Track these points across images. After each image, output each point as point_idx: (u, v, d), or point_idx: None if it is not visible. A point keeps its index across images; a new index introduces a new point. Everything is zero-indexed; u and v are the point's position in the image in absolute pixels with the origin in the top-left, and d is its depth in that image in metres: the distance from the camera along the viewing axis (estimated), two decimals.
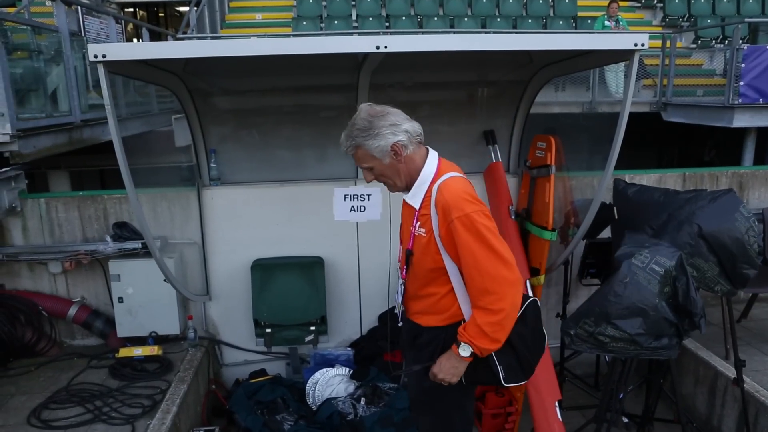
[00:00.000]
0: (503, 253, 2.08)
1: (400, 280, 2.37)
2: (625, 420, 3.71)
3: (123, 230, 4.09)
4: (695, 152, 10.80)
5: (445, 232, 2.14)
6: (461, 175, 2.24)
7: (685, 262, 2.82)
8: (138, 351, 3.97)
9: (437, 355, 2.25)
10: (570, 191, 4.12)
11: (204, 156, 4.13)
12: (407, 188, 2.27)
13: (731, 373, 3.65)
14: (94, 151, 6.94)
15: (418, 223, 2.23)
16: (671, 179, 4.59)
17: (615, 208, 3.70)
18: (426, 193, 2.20)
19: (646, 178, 4.53)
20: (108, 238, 4.06)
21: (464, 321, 2.20)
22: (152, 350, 3.98)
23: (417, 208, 2.23)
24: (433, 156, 2.27)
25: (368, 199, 4.26)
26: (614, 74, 9.25)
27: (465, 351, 2.13)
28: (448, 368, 2.19)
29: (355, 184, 4.23)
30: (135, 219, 4.12)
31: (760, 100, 7.57)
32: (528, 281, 3.69)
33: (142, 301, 4.06)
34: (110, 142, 2.87)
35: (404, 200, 2.34)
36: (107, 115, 2.64)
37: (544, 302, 4.34)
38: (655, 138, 10.24)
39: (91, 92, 7.03)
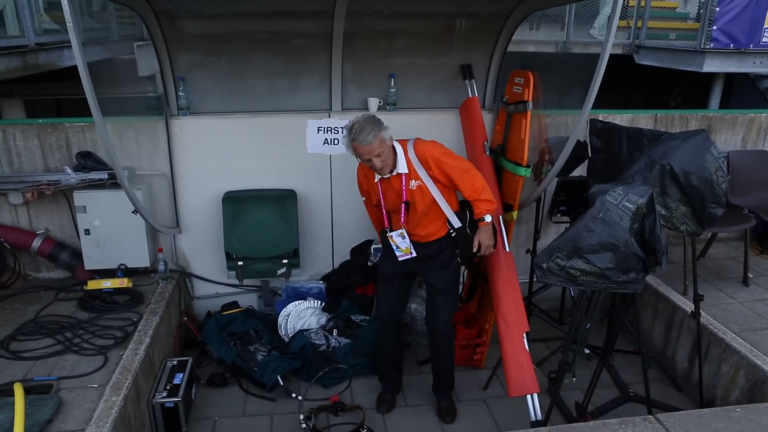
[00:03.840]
0: (470, 164, 3.24)
1: (399, 231, 3.25)
2: (587, 351, 3.89)
3: (87, 160, 3.93)
4: (662, 98, 10.92)
5: (437, 171, 3.08)
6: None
7: (655, 199, 2.88)
8: (107, 283, 3.91)
9: (451, 252, 3.30)
10: (545, 128, 4.11)
11: (172, 84, 3.95)
12: (391, 168, 3.08)
13: (688, 307, 3.83)
14: (49, 79, 6.58)
15: (412, 180, 3.10)
16: (643, 120, 4.63)
17: (590, 146, 3.73)
18: (405, 160, 3.08)
19: (619, 118, 4.56)
20: (68, 169, 3.89)
21: (451, 228, 3.24)
22: (122, 283, 3.93)
23: (407, 171, 3.09)
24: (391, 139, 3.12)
25: (342, 132, 4.17)
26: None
27: (488, 218, 3.16)
28: (487, 236, 3.19)
29: (329, 116, 4.14)
30: (101, 148, 3.97)
31: (731, 45, 7.62)
32: (501, 217, 3.72)
33: (109, 234, 3.97)
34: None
35: (384, 178, 3.14)
36: (69, 34, 2.46)
37: (514, 238, 4.42)
38: (623, 82, 10.28)
39: (44, 16, 6.61)
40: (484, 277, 3.88)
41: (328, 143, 4.20)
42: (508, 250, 3.65)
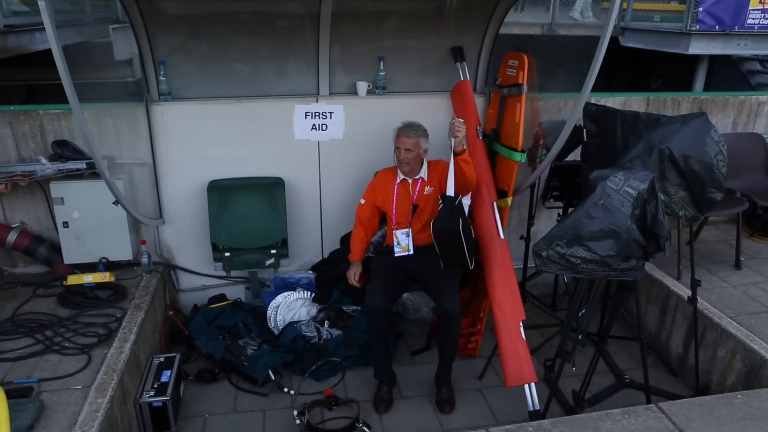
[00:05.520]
0: None
1: (405, 230, 3.58)
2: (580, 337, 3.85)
3: (64, 149, 3.74)
4: (643, 80, 10.91)
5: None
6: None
7: (656, 185, 2.82)
8: (88, 278, 3.76)
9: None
10: (538, 112, 4.03)
11: (152, 68, 3.77)
12: (414, 173, 3.54)
13: (683, 292, 3.82)
14: (19, 64, 6.30)
15: (427, 186, 3.54)
16: (635, 103, 4.57)
17: (585, 130, 3.66)
18: (427, 169, 3.56)
19: (611, 101, 4.50)
20: (43, 159, 3.70)
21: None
22: (104, 277, 3.78)
23: (425, 178, 3.54)
24: None
25: (330, 117, 4.06)
26: None
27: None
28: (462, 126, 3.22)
29: (317, 101, 4.00)
30: (78, 136, 3.78)
31: (716, 27, 7.60)
32: (495, 203, 3.64)
33: (89, 226, 3.80)
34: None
35: (402, 181, 3.57)
36: (42, 15, 2.29)
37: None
38: (604, 65, 10.24)
39: None
40: (478, 265, 3.80)
41: (316, 129, 4.06)
42: (502, 237, 3.58)
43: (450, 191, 3.33)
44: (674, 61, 8.94)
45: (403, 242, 3.54)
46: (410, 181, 3.56)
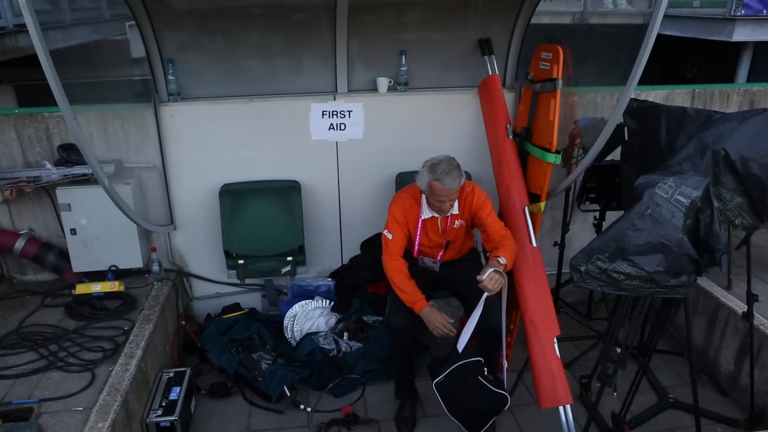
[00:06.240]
0: None
1: (433, 260, 3.28)
2: (618, 350, 3.55)
3: (70, 153, 3.57)
4: (677, 69, 10.37)
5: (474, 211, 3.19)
6: None
7: (711, 191, 2.50)
8: (97, 287, 3.59)
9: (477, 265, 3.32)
10: (574, 108, 3.72)
11: (160, 67, 3.58)
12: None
13: (734, 304, 3.48)
14: (35, 63, 6.22)
15: (458, 220, 3.18)
16: (679, 96, 4.22)
17: (626, 128, 3.34)
18: (457, 201, 3.13)
19: (653, 94, 4.15)
20: (48, 164, 3.54)
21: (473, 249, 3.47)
22: (113, 286, 3.61)
23: (457, 212, 3.16)
24: None
25: (349, 116, 3.81)
26: None
27: (502, 260, 2.92)
28: (497, 279, 2.83)
29: (335, 99, 3.76)
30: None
31: (764, 11, 7.11)
32: (526, 208, 3.36)
33: (98, 233, 3.64)
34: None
35: (430, 217, 3.16)
36: (22, 11, 2.09)
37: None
38: (637, 53, 9.77)
39: None
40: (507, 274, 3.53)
41: (333, 129, 3.82)
42: (535, 245, 3.30)
43: (463, 341, 2.98)
44: (711, 48, 8.45)
45: (428, 263, 3.31)
46: (440, 218, 3.18)
